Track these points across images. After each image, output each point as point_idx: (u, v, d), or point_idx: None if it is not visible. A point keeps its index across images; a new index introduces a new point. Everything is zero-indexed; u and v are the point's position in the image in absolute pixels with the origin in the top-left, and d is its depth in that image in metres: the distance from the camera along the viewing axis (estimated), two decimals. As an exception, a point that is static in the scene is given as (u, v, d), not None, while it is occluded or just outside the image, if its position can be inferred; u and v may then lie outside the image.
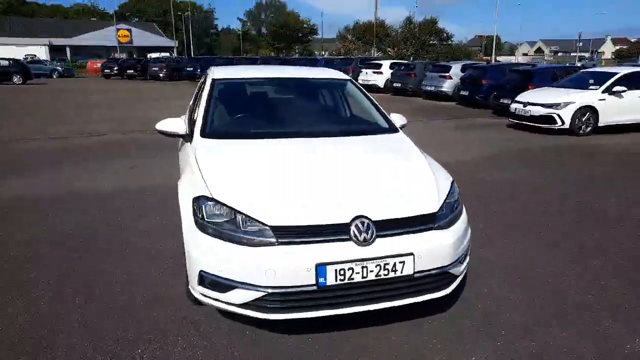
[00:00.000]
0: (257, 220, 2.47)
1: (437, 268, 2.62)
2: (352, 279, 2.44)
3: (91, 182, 6.10)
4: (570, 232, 4.42)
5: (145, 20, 70.26)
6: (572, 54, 73.03)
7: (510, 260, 3.77)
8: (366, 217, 2.50)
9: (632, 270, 3.61)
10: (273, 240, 2.43)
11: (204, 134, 3.38)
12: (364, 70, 22.34)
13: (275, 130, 3.56)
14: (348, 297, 2.50)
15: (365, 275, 2.46)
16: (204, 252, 2.55)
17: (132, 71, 33.64)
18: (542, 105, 10.45)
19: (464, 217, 2.91)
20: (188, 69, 31.75)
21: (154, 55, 42.67)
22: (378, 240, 2.49)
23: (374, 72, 21.73)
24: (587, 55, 69.27)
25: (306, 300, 2.46)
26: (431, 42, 36.81)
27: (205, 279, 2.56)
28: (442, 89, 17.37)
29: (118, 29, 56.42)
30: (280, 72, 4.60)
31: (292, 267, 2.39)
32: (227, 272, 2.47)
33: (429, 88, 17.85)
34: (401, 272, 2.51)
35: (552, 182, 6.34)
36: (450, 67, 17.50)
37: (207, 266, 2.53)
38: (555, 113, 10.21)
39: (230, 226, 2.52)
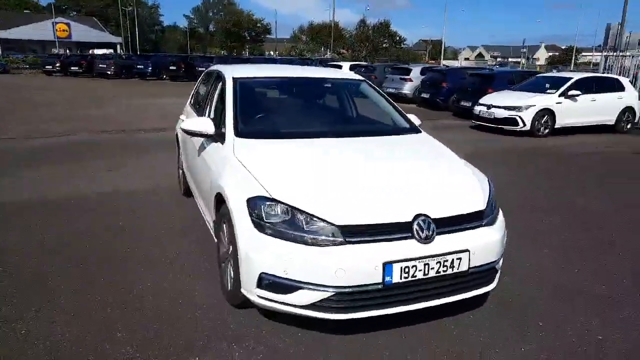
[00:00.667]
0: (323, 220, 2.47)
1: (487, 264, 2.74)
2: (415, 276, 2.50)
3: (74, 186, 5.78)
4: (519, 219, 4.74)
5: (85, 14, 66.83)
6: (509, 60, 77.15)
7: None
8: (426, 215, 2.57)
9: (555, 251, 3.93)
10: (341, 239, 2.44)
11: (238, 134, 3.31)
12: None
13: (308, 129, 3.56)
14: (410, 295, 2.56)
15: (426, 272, 2.52)
16: (265, 254, 2.52)
17: (76, 68, 31.91)
18: (505, 107, 11.00)
19: (501, 213, 3.04)
20: (139, 66, 30.60)
21: (99, 51, 40.73)
22: (437, 237, 2.56)
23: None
24: (523, 61, 73.37)
25: (372, 299, 2.49)
26: (384, 44, 37.72)
27: (266, 281, 2.53)
28: (403, 91, 17.83)
29: (56, 23, 53.34)
30: (294, 71, 4.59)
31: (362, 266, 2.42)
32: (294, 273, 2.45)
33: (390, 90, 18.25)
34: (457, 269, 2.60)
35: (523, 179, 6.74)
36: (410, 70, 18.00)
37: (270, 268, 2.50)
38: (517, 115, 10.78)
39: (291, 226, 2.50)
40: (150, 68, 30.35)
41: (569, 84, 11.15)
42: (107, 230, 4.33)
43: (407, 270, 2.47)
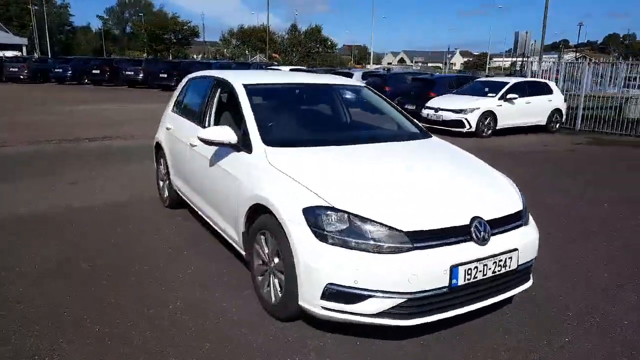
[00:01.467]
0: (389, 227, 2.47)
1: (529, 261, 2.89)
2: (476, 277, 2.59)
3: (44, 201, 5.28)
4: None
5: (-20, 12, 60.68)
6: (429, 64, 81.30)
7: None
8: (481, 218, 2.66)
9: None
10: (409, 245, 2.46)
11: (268, 142, 3.22)
12: None
13: (331, 136, 3.56)
14: (471, 295, 2.64)
15: (485, 272, 2.61)
16: (331, 264, 2.47)
17: (-19, 72, 28.91)
18: (452, 110, 11.60)
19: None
20: (57, 70, 28.45)
21: (9, 53, 37.28)
22: (492, 238, 2.66)
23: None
24: (441, 66, 77.67)
25: (439, 303, 2.54)
26: (317, 49, 38.15)
27: (332, 292, 2.49)
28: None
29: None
30: (295, 77, 4.53)
31: (432, 270, 2.46)
32: (364, 282, 2.43)
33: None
34: (509, 267, 2.72)
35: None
36: (352, 75, 18.35)
37: (337, 278, 2.46)
38: (464, 117, 11.40)
39: (355, 234, 2.48)
40: (70, 72, 28.32)
41: (506, 87, 11.99)
42: (104, 248, 4.01)
43: (469, 272, 2.55)
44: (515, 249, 2.73)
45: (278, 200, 2.76)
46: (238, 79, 3.93)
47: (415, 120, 4.16)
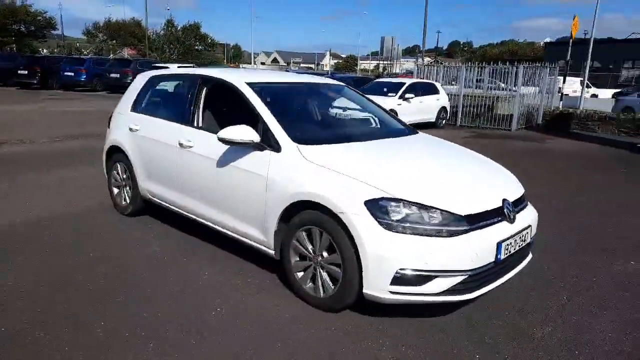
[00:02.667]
0: (449, 212, 2.74)
1: (533, 236, 3.39)
2: (510, 251, 2.98)
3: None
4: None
5: None
6: (302, 65, 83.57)
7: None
8: (507, 199, 3.07)
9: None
10: (467, 227, 2.75)
11: (297, 140, 3.26)
12: None
13: (348, 133, 3.70)
14: (505, 268, 3.03)
15: (515, 247, 3.03)
16: (401, 251, 2.66)
17: None
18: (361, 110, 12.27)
19: None
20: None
21: None
22: (517, 217, 3.09)
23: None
24: (312, 66, 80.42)
25: (487, 276, 2.88)
26: (196, 47, 36.75)
27: (402, 277, 2.68)
28: None
29: None
30: (284, 77, 4.55)
31: (486, 248, 2.79)
32: (433, 264, 2.67)
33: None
34: (526, 242, 3.18)
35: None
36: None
37: (407, 263, 2.66)
38: (371, 116, 12.15)
39: (419, 221, 2.71)
40: None
41: (404, 88, 13.08)
42: (92, 264, 3.65)
43: (507, 247, 2.94)
44: (530, 226, 3.20)
45: (335, 195, 2.85)
46: (239, 77, 3.86)
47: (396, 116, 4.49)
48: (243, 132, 3.31)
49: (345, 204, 2.80)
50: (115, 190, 4.96)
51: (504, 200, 3.04)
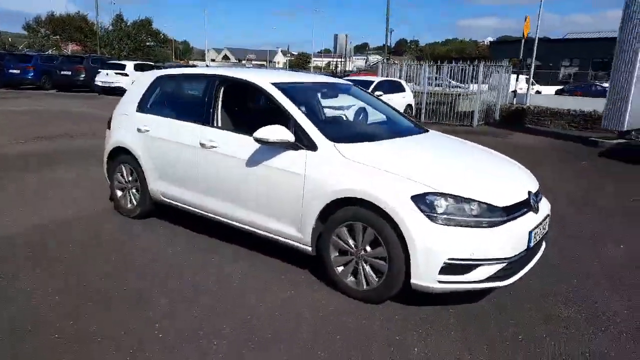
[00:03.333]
0: (489, 204, 2.95)
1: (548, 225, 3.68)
2: (537, 239, 3.24)
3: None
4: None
5: None
6: (254, 62, 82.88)
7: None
8: (531, 191, 3.33)
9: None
10: (505, 218, 2.97)
11: (333, 139, 3.36)
12: (102, 71, 20.12)
13: (376, 131, 3.84)
14: (532, 255, 3.28)
15: (539, 235, 3.29)
16: (449, 242, 2.84)
17: None
18: (332, 107, 12.43)
19: None
20: None
21: None
22: (538, 207, 3.35)
23: (118, 74, 19.91)
24: (265, 63, 79.95)
25: (520, 263, 3.11)
26: (148, 43, 35.50)
27: (449, 266, 2.86)
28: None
29: None
30: (297, 76, 4.61)
31: (521, 237, 3.02)
32: (478, 253, 2.86)
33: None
34: (545, 230, 3.45)
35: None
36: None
37: (455, 254, 2.84)
38: (343, 114, 12.34)
39: (460, 213, 2.90)
40: None
41: (373, 86, 13.36)
42: (116, 274, 3.59)
43: (535, 235, 3.18)
44: (548, 215, 3.48)
45: (381, 192, 2.99)
46: (262, 78, 3.91)
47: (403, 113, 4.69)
48: (279, 132, 3.38)
49: (392, 199, 2.94)
50: (119, 193, 4.85)
51: (529, 192, 3.29)
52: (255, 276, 3.53)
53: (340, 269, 3.29)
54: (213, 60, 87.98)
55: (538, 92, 30.21)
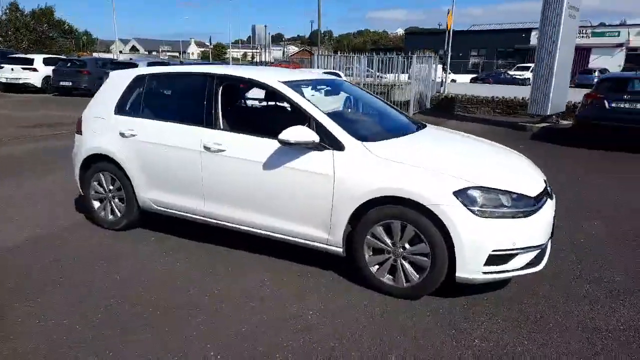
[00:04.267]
0: (524, 195, 3.08)
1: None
2: (555, 225, 3.44)
3: None
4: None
5: None
6: (168, 54, 79.04)
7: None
8: (545, 180, 3.52)
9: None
10: (535, 207, 3.12)
11: (359, 138, 3.32)
12: (6, 66, 18.00)
13: (388, 128, 3.82)
14: (550, 240, 3.48)
15: (555, 221, 3.49)
16: (492, 234, 2.94)
17: None
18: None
19: None
20: None
21: None
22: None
23: (25, 69, 17.95)
24: (178, 55, 76.62)
25: (546, 248, 3.29)
26: (51, 34, 32.16)
27: (493, 257, 2.95)
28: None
29: None
30: (291, 74, 4.44)
31: (548, 224, 3.20)
32: (516, 243, 2.98)
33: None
34: (556, 218, 3.67)
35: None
36: (137, 65, 16.86)
37: (498, 245, 2.94)
38: (343, 109, 12.24)
39: (500, 205, 3.00)
40: None
41: (314, 78, 13.35)
42: (128, 285, 3.28)
43: (554, 222, 3.38)
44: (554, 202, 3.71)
45: (423, 189, 2.99)
46: (269, 77, 3.75)
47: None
48: (304, 133, 3.26)
49: (435, 196, 2.97)
50: (97, 204, 4.42)
51: (544, 180, 3.49)
52: (279, 283, 3.40)
53: (375, 268, 3.27)
54: (121, 52, 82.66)
55: (453, 81, 32.12)
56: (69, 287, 3.28)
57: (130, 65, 17.29)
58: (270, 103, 4.83)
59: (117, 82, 4.40)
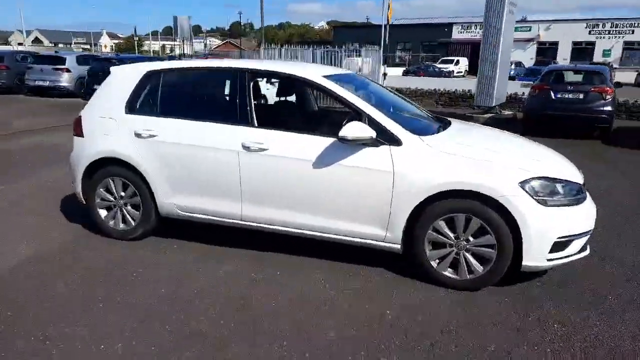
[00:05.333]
0: (576, 183, 3.24)
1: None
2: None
3: None
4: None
5: None
6: (71, 45, 73.41)
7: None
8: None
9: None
10: (585, 195, 3.30)
11: (415, 133, 3.32)
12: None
13: (428, 125, 3.81)
14: None
15: None
16: (556, 222, 3.07)
17: None
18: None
19: None
20: None
21: None
22: None
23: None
24: (89, 47, 71.64)
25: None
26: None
27: (556, 244, 3.08)
28: (61, 84, 15.18)
29: None
30: (321, 68, 4.29)
31: (594, 208, 3.38)
32: (574, 229, 3.14)
33: (40, 83, 15.15)
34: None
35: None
36: (64, 59, 15.45)
37: (561, 232, 3.08)
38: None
39: (559, 193, 3.13)
40: None
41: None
42: (187, 300, 3.03)
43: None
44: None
45: (491, 181, 3.04)
46: (311, 71, 3.62)
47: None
48: (363, 129, 3.19)
49: (502, 187, 3.03)
50: (103, 213, 4.03)
51: (578, 169, 3.70)
52: (345, 284, 3.32)
53: (436, 262, 3.29)
54: (21, 44, 75.62)
55: (385, 74, 33.03)
56: (116, 306, 2.96)
57: (57, 59, 15.79)
58: (282, 98, 4.63)
59: (122, 79, 4.01)
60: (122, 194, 3.94)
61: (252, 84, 3.64)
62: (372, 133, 3.21)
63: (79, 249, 3.79)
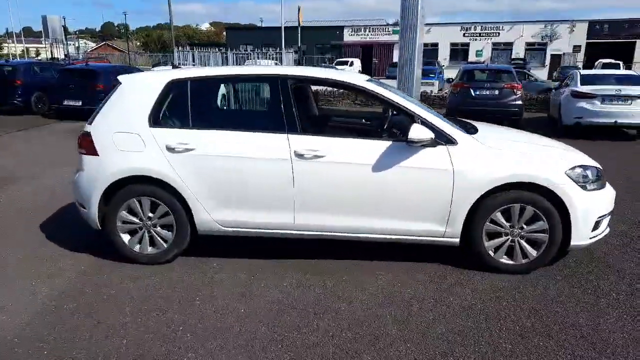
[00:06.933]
0: (599, 168, 3.67)
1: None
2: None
3: None
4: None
5: None
6: None
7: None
8: None
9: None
10: (605, 179, 3.75)
11: (467, 132, 3.53)
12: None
13: (464, 124, 4.00)
14: None
15: None
16: (595, 205, 3.48)
17: None
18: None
19: None
20: None
21: None
22: None
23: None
24: None
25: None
26: None
27: (595, 224, 3.49)
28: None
29: None
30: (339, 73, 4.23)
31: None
32: (605, 210, 3.58)
33: None
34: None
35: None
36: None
37: (599, 212, 3.50)
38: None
39: (593, 178, 3.53)
40: None
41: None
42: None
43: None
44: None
45: (544, 172, 3.35)
46: (354, 77, 3.64)
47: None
48: (425, 132, 3.31)
49: (554, 177, 3.36)
50: (126, 237, 3.63)
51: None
52: (413, 281, 3.40)
53: (492, 252, 3.51)
54: None
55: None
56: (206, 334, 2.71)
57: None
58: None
59: (139, 90, 3.65)
60: (150, 214, 3.58)
61: (294, 90, 3.54)
62: (432, 134, 3.33)
63: (104, 279, 3.37)
